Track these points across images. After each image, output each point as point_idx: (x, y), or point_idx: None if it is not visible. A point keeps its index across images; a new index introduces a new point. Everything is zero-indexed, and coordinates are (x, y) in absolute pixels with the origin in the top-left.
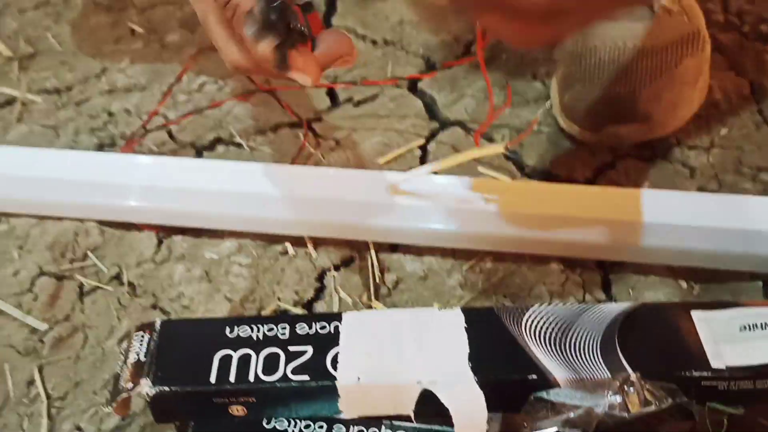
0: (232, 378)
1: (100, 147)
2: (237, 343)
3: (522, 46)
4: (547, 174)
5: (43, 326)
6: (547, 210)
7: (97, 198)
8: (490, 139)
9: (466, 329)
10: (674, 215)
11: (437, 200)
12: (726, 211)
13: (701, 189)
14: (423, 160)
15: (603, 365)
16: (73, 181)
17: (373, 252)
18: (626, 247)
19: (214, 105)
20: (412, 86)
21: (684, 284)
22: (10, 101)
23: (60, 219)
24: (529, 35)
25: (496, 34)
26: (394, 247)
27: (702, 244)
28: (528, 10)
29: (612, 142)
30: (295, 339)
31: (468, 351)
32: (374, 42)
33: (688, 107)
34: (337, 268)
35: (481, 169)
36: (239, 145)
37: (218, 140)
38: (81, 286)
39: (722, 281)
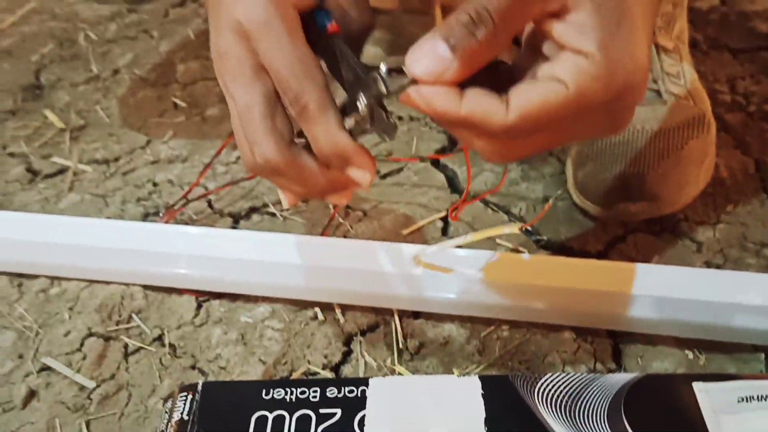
0: None
1: (146, 215)
2: (272, 404)
3: (495, 161)
4: (561, 246)
5: (91, 384)
6: (560, 283)
7: (141, 265)
8: (508, 212)
9: (483, 396)
10: (680, 290)
11: (457, 272)
12: (729, 286)
13: (707, 263)
14: (444, 232)
15: None
16: (119, 249)
17: (397, 319)
18: (635, 318)
19: (251, 176)
20: (435, 160)
21: (690, 354)
22: (62, 170)
23: (108, 283)
24: (502, 152)
25: (471, 148)
26: (416, 314)
27: (706, 318)
28: (496, 131)
29: (623, 218)
30: (326, 402)
31: (484, 416)
32: (400, 118)
33: (694, 186)
34: (363, 333)
35: (498, 241)
36: (273, 215)
37: (253, 209)
38: (126, 346)
39: (726, 352)
